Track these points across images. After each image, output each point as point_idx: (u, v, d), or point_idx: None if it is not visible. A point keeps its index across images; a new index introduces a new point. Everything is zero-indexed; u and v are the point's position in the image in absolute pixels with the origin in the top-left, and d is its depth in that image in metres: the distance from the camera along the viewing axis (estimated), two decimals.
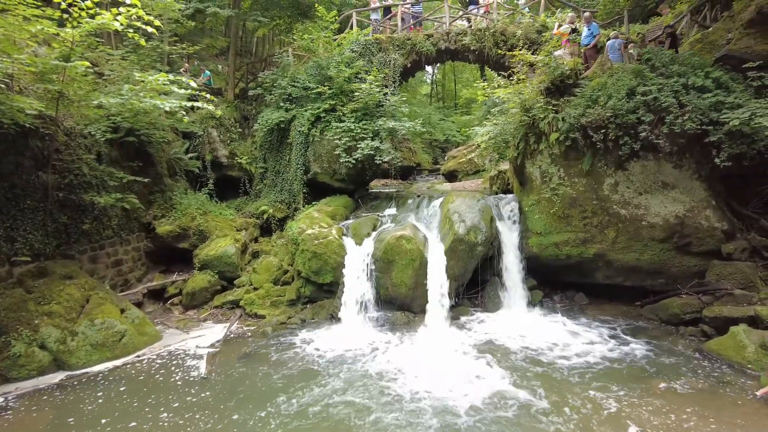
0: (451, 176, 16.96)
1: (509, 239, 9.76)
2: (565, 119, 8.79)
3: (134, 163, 10.59)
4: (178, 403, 6.17)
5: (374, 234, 10.04)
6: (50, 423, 5.81)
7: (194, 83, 8.95)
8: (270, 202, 12.65)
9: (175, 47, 13.69)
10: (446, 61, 15.86)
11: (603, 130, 8.27)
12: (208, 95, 9.89)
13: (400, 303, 9.19)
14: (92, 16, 7.57)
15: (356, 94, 11.98)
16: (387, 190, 14.23)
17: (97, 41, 9.38)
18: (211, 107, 9.26)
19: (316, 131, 12.14)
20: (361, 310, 9.08)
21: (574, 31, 10.62)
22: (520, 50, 10.44)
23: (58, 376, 7.13)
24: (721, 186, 8.58)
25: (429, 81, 35.33)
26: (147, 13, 7.75)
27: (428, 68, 25.10)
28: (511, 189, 11.13)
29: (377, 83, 12.05)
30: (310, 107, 12.39)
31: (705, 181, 8.28)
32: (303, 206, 12.18)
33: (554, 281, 10.15)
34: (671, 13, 11.05)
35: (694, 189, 8.29)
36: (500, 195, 10.91)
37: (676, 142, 7.95)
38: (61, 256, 8.62)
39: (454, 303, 9.16)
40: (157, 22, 8.09)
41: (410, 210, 11.28)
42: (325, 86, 12.32)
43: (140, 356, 7.82)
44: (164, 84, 8.63)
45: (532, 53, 10.54)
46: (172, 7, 12.32)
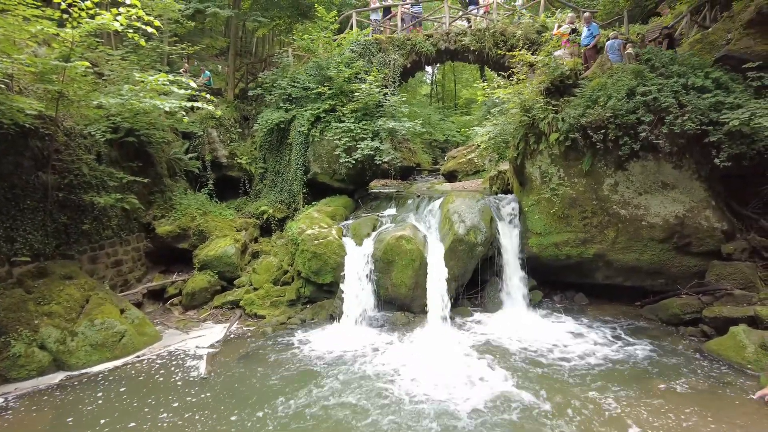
0: (450, 176, 16.96)
1: (509, 239, 9.76)
2: (564, 119, 8.79)
3: (134, 164, 10.60)
4: (178, 403, 6.17)
5: (374, 234, 10.04)
6: (50, 423, 5.81)
7: (194, 83, 8.96)
8: (270, 202, 12.65)
9: (174, 47, 13.70)
10: (446, 61, 15.89)
11: (603, 131, 8.28)
12: (207, 95, 9.90)
13: (400, 303, 9.19)
14: (92, 17, 7.57)
15: (356, 94, 11.99)
16: (387, 190, 14.22)
17: (97, 41, 9.39)
18: (210, 107, 9.26)
19: (315, 131, 12.14)
20: (361, 310, 9.08)
21: (573, 31, 10.62)
22: (520, 50, 10.45)
23: (57, 377, 7.12)
24: (720, 186, 8.59)
25: (429, 81, 35.33)
26: (147, 14, 7.75)
27: (428, 68, 25.11)
28: (511, 189, 11.13)
29: (377, 83, 12.05)
30: (309, 107, 12.39)
31: (705, 182, 8.29)
32: (303, 206, 12.19)
33: (554, 281, 10.16)
34: (671, 14, 11.05)
35: (694, 189, 8.29)
36: (500, 195, 10.91)
37: (675, 142, 7.96)
38: (61, 256, 8.62)
39: (453, 303, 9.15)
40: (157, 23, 8.08)
41: (410, 210, 11.28)
42: (324, 86, 12.32)
43: (140, 356, 7.82)
44: (164, 84, 8.63)
45: (532, 53, 10.55)
46: (171, 8, 12.34)
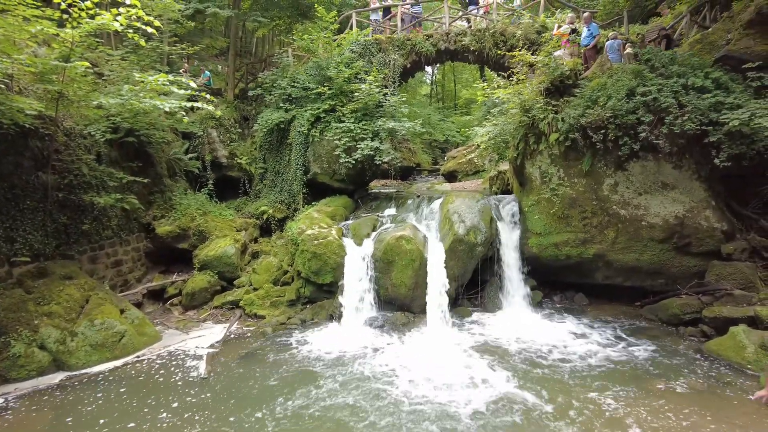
0: (450, 177, 16.96)
1: (509, 240, 9.76)
2: (564, 120, 8.80)
3: (134, 164, 10.59)
4: (178, 403, 6.17)
5: (374, 234, 10.04)
6: (49, 423, 5.80)
7: (194, 84, 8.95)
8: (270, 202, 12.65)
9: (174, 48, 13.70)
10: (446, 61, 15.89)
11: (603, 131, 8.29)
12: (207, 95, 9.89)
13: (400, 303, 9.19)
14: (92, 17, 7.57)
15: (356, 94, 11.98)
16: (387, 190, 14.22)
17: (97, 42, 9.39)
18: (210, 108, 9.26)
19: (315, 132, 12.14)
20: (361, 310, 9.09)
21: (573, 31, 10.62)
22: (520, 51, 10.45)
23: (57, 377, 7.12)
24: (720, 186, 8.59)
25: (429, 81, 35.34)
26: (147, 14, 7.75)
27: (428, 69, 25.12)
28: (511, 189, 11.14)
29: (377, 84, 12.05)
30: (309, 108, 12.39)
31: (705, 182, 8.29)
32: (303, 207, 12.18)
33: (554, 282, 10.16)
34: (671, 14, 11.05)
35: (694, 189, 8.30)
36: (500, 195, 10.91)
37: (675, 142, 7.96)
38: (61, 256, 8.62)
39: (453, 303, 9.16)
40: (157, 23, 8.08)
41: (410, 210, 11.28)
42: (324, 87, 12.32)
43: (140, 357, 7.81)
44: (164, 84, 8.62)
45: (532, 54, 10.55)
46: (171, 8, 12.34)
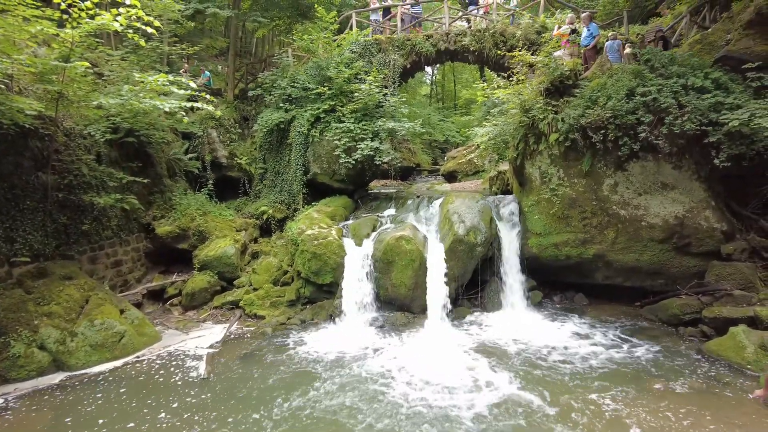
0: (450, 177, 16.97)
1: (509, 240, 9.76)
2: (564, 120, 8.80)
3: (134, 164, 10.59)
4: (177, 404, 6.17)
5: (374, 234, 10.05)
6: (49, 423, 5.80)
7: (194, 84, 8.95)
8: (269, 202, 12.65)
9: (174, 48, 13.70)
10: (446, 61, 15.88)
11: (602, 131, 8.29)
12: (207, 96, 9.89)
13: (400, 303, 9.19)
14: (92, 17, 7.57)
15: (356, 94, 11.98)
16: (386, 190, 14.22)
17: (97, 42, 9.39)
18: (210, 108, 9.26)
19: (315, 132, 12.14)
20: (361, 310, 9.09)
21: (573, 31, 10.63)
22: (520, 51, 10.45)
23: (57, 377, 7.12)
24: (720, 186, 8.59)
25: (428, 81, 35.35)
26: (147, 14, 7.75)
27: (428, 69, 25.12)
28: (511, 190, 11.14)
29: (377, 84, 12.05)
30: (309, 108, 12.39)
31: (704, 182, 8.30)
32: (303, 207, 12.19)
33: (554, 282, 10.17)
34: (670, 14, 11.06)
35: (694, 190, 8.30)
36: (500, 196, 10.92)
37: (675, 142, 7.96)
38: (61, 256, 8.62)
39: (453, 304, 9.15)
40: (157, 23, 8.08)
41: (410, 210, 11.28)
42: (324, 87, 12.32)
43: (140, 357, 7.81)
44: (164, 84, 8.63)
45: (532, 54, 10.55)
46: (171, 8, 12.36)
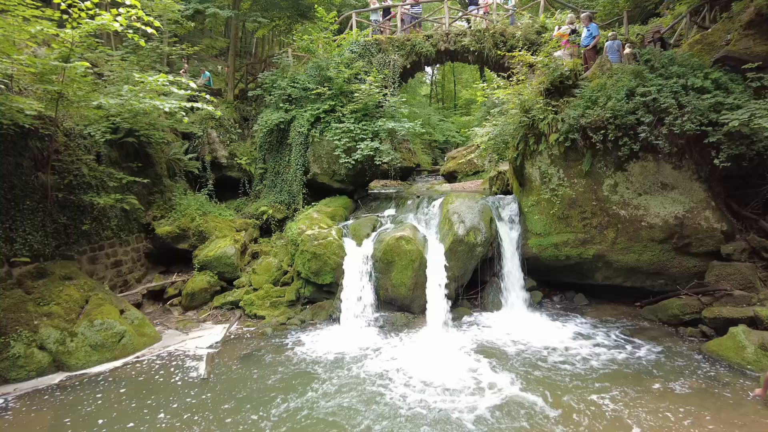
0: (450, 177, 16.98)
1: (509, 240, 9.76)
2: (564, 120, 8.80)
3: (134, 164, 10.59)
4: (177, 404, 6.17)
5: (374, 235, 10.05)
6: (49, 424, 5.80)
7: (194, 84, 8.95)
8: (269, 202, 12.65)
9: (174, 48, 13.69)
10: (446, 62, 15.86)
11: (602, 131, 8.30)
12: (207, 96, 9.89)
13: (400, 304, 9.19)
14: (92, 17, 7.57)
15: (356, 94, 11.98)
16: (386, 190, 14.23)
17: (97, 42, 9.38)
18: (210, 108, 9.26)
19: (315, 132, 12.14)
20: (361, 311, 9.08)
21: (573, 32, 10.63)
22: (520, 51, 10.45)
23: (57, 377, 7.12)
24: (720, 187, 8.59)
25: (428, 82, 35.37)
26: (146, 14, 7.76)
27: (428, 69, 25.13)
28: (511, 190, 11.14)
29: (377, 84, 12.04)
30: (309, 108, 12.39)
31: (704, 182, 8.30)
32: (302, 207, 12.18)
33: (554, 282, 10.17)
34: (670, 14, 11.05)
35: (694, 190, 8.30)
36: (500, 196, 10.92)
37: (675, 143, 7.97)
38: (61, 256, 8.62)
39: (453, 304, 9.15)
40: (157, 23, 8.09)
41: (410, 211, 11.28)
42: (324, 87, 12.32)
43: (140, 357, 7.81)
44: (164, 85, 8.62)
45: (532, 54, 10.55)
46: (171, 8, 12.36)
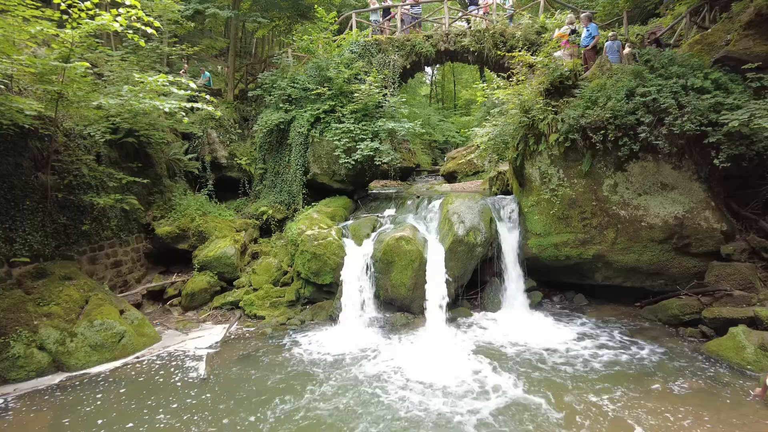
0: (450, 177, 16.98)
1: (508, 240, 9.76)
2: (564, 120, 8.80)
3: (134, 164, 10.59)
4: (177, 404, 6.16)
5: (374, 235, 10.04)
6: (48, 424, 5.80)
7: (194, 84, 8.95)
8: (269, 203, 12.65)
9: (174, 48, 13.70)
10: (445, 62, 15.86)
11: (602, 131, 8.30)
12: (207, 96, 9.89)
13: (400, 304, 9.19)
14: (92, 17, 7.57)
15: (356, 95, 11.98)
16: (386, 191, 14.24)
17: (97, 42, 9.38)
18: (210, 108, 9.25)
19: (315, 132, 12.14)
20: (361, 311, 9.08)
21: (573, 32, 10.63)
22: (520, 51, 10.45)
23: (57, 377, 7.12)
24: (720, 187, 8.58)
25: (428, 82, 35.37)
26: (146, 14, 7.75)
27: (428, 69, 25.14)
28: (511, 190, 11.13)
29: (377, 84, 12.05)
30: (309, 108, 12.39)
31: (704, 182, 8.29)
32: (302, 207, 12.19)
33: (554, 282, 10.17)
34: (670, 15, 11.05)
35: (694, 190, 8.30)
36: (500, 196, 10.91)
37: (675, 143, 7.96)
38: (60, 257, 8.62)
39: (453, 304, 9.15)
40: (157, 23, 8.08)
41: (409, 211, 11.29)
42: (324, 87, 12.32)
43: (139, 357, 7.81)
44: (163, 85, 8.61)
45: (532, 54, 10.55)
46: (171, 8, 12.36)
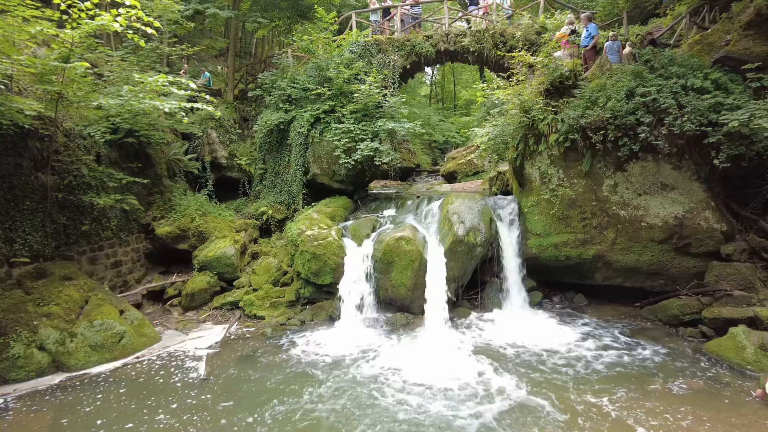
0: (450, 177, 16.99)
1: (508, 240, 9.76)
2: (564, 120, 8.80)
3: (133, 164, 10.59)
4: (176, 405, 6.16)
5: (374, 235, 10.04)
6: (48, 424, 5.80)
7: (194, 84, 8.95)
8: (269, 203, 12.65)
9: (174, 48, 13.70)
10: (445, 62, 15.86)
11: (602, 132, 8.30)
12: (207, 96, 9.89)
13: (400, 304, 9.19)
14: (92, 17, 7.57)
15: (356, 95, 11.98)
16: (386, 191, 14.24)
17: (97, 42, 9.38)
18: (210, 108, 9.25)
19: (315, 132, 12.14)
20: (361, 311, 9.09)
21: (573, 32, 10.63)
22: (520, 51, 10.45)
23: (57, 378, 7.11)
24: (720, 187, 8.58)
25: (428, 82, 35.38)
26: (146, 14, 7.75)
27: (428, 69, 25.15)
28: (511, 190, 11.14)
29: (377, 84, 12.05)
30: (309, 108, 12.39)
31: (704, 182, 8.29)
32: (302, 207, 12.19)
33: (554, 282, 10.17)
34: (670, 15, 11.05)
35: (693, 190, 8.30)
36: (499, 196, 10.91)
37: (675, 143, 7.97)
38: (60, 257, 8.62)
39: (453, 304, 9.16)
40: (157, 24, 8.08)
41: (409, 211, 11.28)
42: (324, 87, 12.32)
43: (139, 357, 7.81)
44: (163, 85, 8.61)
45: (532, 54, 10.55)
46: (171, 9, 12.36)
